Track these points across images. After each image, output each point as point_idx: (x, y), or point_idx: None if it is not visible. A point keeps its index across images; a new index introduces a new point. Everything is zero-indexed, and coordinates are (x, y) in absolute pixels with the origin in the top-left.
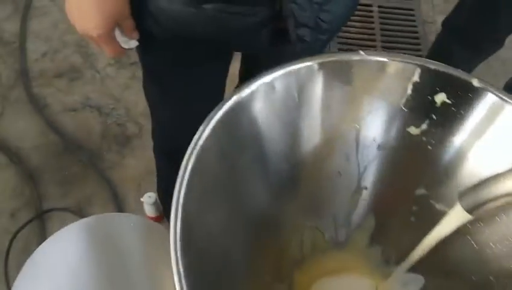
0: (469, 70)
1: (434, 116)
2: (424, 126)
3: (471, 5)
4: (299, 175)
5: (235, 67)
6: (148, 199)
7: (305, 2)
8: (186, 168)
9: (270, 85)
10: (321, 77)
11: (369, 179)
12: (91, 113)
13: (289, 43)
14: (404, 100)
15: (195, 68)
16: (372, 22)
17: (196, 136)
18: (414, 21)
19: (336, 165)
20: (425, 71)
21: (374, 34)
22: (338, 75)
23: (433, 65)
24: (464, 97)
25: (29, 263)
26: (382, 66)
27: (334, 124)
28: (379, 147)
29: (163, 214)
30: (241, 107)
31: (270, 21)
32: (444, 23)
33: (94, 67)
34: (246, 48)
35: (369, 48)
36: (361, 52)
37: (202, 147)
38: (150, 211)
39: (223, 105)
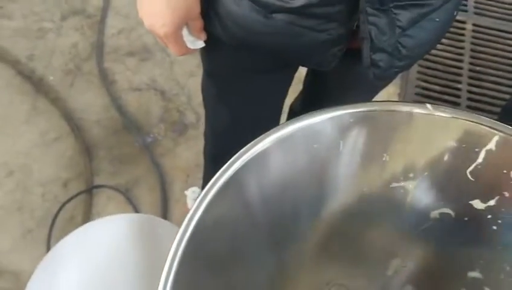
0: None
1: (506, 194)
2: (492, 202)
3: None
4: (325, 232)
5: (301, 72)
6: (192, 193)
7: (386, 25)
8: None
9: (310, 130)
10: (373, 126)
11: (415, 248)
12: (154, 95)
13: (360, 64)
14: (472, 168)
15: (257, 76)
16: (463, 41)
17: (211, 182)
18: (511, 46)
19: (376, 226)
20: (505, 140)
21: (462, 55)
22: (395, 127)
23: None
24: None
25: (70, 237)
26: (451, 124)
27: (381, 180)
28: (432, 215)
29: None
30: (267, 155)
31: (343, 40)
32: None
33: (165, 50)
34: (312, 64)
35: (454, 68)
36: (428, 105)
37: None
38: (192, 205)
39: (242, 155)
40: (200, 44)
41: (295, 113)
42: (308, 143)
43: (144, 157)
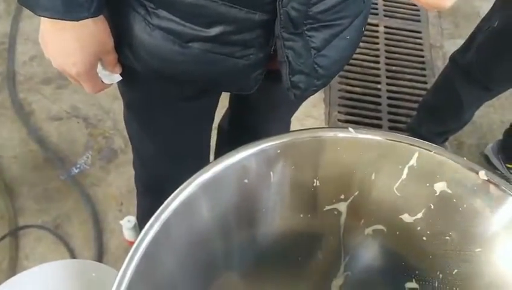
0: (478, 106)
1: (432, 206)
2: (419, 215)
3: (479, 45)
4: (262, 257)
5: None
6: (128, 223)
7: (301, 48)
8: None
9: (238, 166)
10: (301, 154)
11: (353, 265)
12: (77, 123)
13: (281, 84)
14: (397, 184)
15: (179, 105)
16: (377, 43)
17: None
18: (421, 44)
19: (316, 248)
20: (424, 156)
21: (378, 56)
22: (322, 152)
23: (435, 150)
24: (467, 189)
25: None
26: (373, 145)
27: (314, 205)
28: (366, 232)
29: None
30: (195, 199)
31: (262, 64)
32: (452, 59)
33: None
34: (234, 90)
35: (372, 69)
36: (351, 129)
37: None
38: (128, 235)
39: (169, 204)
40: (117, 78)
41: (224, 130)
42: (237, 179)
43: (71, 190)
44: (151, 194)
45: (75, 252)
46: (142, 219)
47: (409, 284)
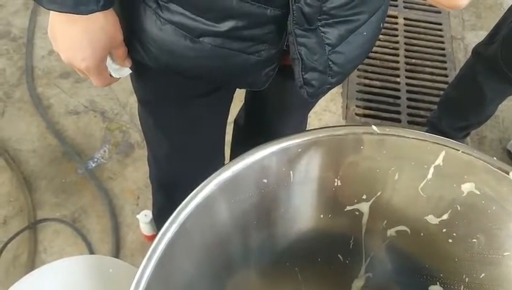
0: (501, 100)
1: (458, 207)
2: (445, 216)
3: (505, 37)
4: (286, 258)
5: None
6: (144, 217)
7: (315, 45)
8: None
9: (257, 166)
10: (322, 153)
11: (375, 266)
12: (94, 117)
13: (294, 81)
14: (422, 184)
15: (192, 101)
16: (397, 36)
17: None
18: (442, 36)
19: (336, 249)
20: (451, 155)
21: (397, 49)
22: (344, 151)
23: (462, 149)
24: (496, 190)
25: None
26: (397, 143)
27: (335, 205)
28: (389, 233)
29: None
30: (213, 199)
31: (274, 60)
32: (475, 51)
33: None
34: (245, 86)
35: (391, 62)
36: (374, 126)
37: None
38: (145, 229)
39: (188, 203)
40: (126, 71)
41: (239, 126)
42: (256, 179)
43: (88, 183)
44: (165, 191)
45: (93, 245)
46: (158, 216)
47: (433, 288)
